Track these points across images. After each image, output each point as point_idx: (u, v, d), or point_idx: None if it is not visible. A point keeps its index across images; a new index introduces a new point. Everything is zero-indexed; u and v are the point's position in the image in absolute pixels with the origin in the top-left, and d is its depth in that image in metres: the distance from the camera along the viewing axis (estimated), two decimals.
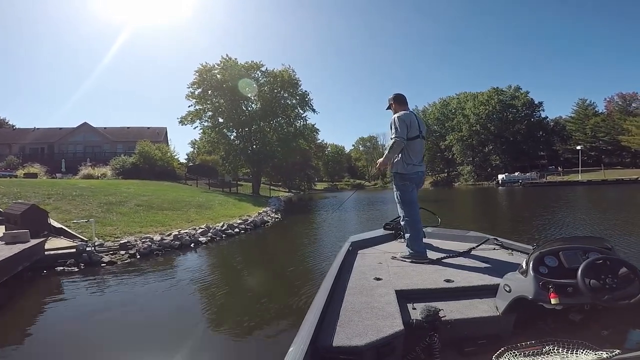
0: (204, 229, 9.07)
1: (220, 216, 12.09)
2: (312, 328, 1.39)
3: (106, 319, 4.09)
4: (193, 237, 8.32)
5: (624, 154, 55.34)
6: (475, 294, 1.96)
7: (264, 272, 6.39)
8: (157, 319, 4.17)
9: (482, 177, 58.77)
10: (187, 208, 12.54)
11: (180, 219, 10.49)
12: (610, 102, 60.36)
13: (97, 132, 44.95)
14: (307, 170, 55.21)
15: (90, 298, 4.82)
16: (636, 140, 46.63)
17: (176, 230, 8.60)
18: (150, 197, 13.55)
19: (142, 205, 11.52)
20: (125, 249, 6.91)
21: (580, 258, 1.57)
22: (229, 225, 10.18)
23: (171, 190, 18.75)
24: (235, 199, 19.34)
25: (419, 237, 2.84)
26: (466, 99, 65.55)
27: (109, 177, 26.62)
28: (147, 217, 9.94)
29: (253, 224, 11.55)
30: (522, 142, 57.83)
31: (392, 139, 2.84)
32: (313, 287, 4.49)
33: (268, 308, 4.36)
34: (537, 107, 60.59)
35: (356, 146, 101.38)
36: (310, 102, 34.09)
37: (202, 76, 30.68)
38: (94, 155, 39.33)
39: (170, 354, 3.22)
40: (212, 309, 4.49)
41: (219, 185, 30.40)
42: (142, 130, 45.34)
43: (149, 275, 5.93)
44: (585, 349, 1.19)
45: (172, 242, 7.69)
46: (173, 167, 31.97)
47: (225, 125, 32.67)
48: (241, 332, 3.66)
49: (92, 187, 14.99)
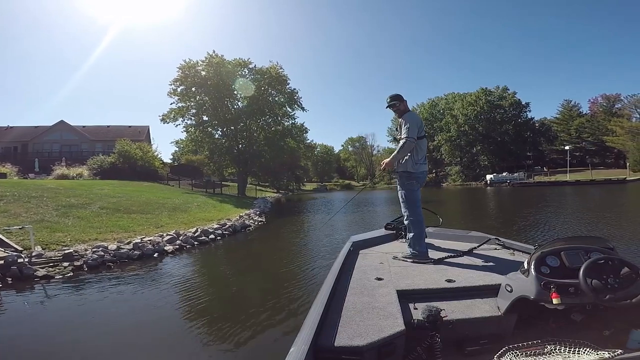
0: (172, 236, 7.96)
1: (196, 220, 10.99)
2: (313, 328, 1.38)
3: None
4: (157, 246, 7.22)
5: (608, 154, 56.34)
6: (477, 294, 1.94)
7: (234, 295, 5.17)
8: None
9: (470, 178, 58.91)
10: (160, 211, 11.40)
11: (148, 223, 9.36)
12: (595, 103, 61.39)
13: (74, 131, 42.87)
14: (296, 170, 54.17)
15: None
16: (620, 141, 47.31)
17: (139, 238, 7.49)
18: (120, 199, 12.36)
19: (108, 208, 10.34)
20: (70, 260, 5.83)
21: (582, 258, 1.56)
22: (202, 231, 9.08)
23: (148, 191, 17.51)
24: (217, 201, 18.19)
25: (422, 237, 2.81)
26: (454, 100, 65.81)
27: (85, 177, 25.18)
28: (109, 222, 8.79)
29: (232, 229, 10.46)
30: (510, 142, 58.19)
31: (404, 139, 2.80)
32: (297, 322, 3.54)
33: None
34: (524, 108, 61.12)
35: (345, 146, 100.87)
36: (299, 100, 33.17)
37: (186, 73, 29.44)
38: (70, 154, 37.49)
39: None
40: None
41: (202, 186, 29.12)
42: (122, 129, 43.52)
43: (86, 296, 4.83)
44: (587, 348, 1.16)
45: (131, 252, 6.60)
46: (155, 167, 30.46)
47: (209, 124, 31.45)
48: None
49: (61, 187, 13.72)
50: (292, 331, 3.30)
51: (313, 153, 68.05)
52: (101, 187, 16.39)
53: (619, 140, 47.75)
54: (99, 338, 3.52)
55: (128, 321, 3.97)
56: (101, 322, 3.95)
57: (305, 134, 37.90)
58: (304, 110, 33.40)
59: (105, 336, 3.56)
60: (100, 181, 21.75)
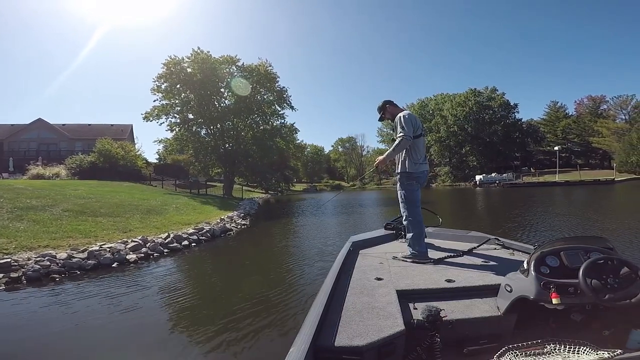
0: (138, 243, 7.05)
1: (172, 224, 10.08)
2: (313, 328, 1.38)
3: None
4: (118, 254, 6.31)
5: (593, 155, 57.19)
6: (477, 293, 1.93)
7: (197, 320, 3.97)
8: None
9: (459, 178, 58.97)
10: (132, 214, 10.46)
11: (114, 228, 8.43)
12: (580, 105, 62.24)
13: (53, 129, 41.11)
14: (286, 170, 53.33)
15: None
16: (606, 142, 47.95)
17: (98, 245, 6.59)
18: (89, 201, 11.36)
19: (71, 211, 9.37)
20: (6, 271, 4.93)
21: (581, 258, 1.55)
22: (175, 236, 8.16)
23: (127, 191, 16.47)
24: (199, 202, 17.24)
25: (421, 237, 2.80)
26: (444, 101, 65.98)
27: (62, 177, 23.91)
28: (69, 226, 7.84)
29: (210, 234, 9.52)
30: (499, 143, 58.44)
31: (399, 137, 2.79)
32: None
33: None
34: (513, 109, 61.53)
35: (335, 147, 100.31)
36: (289, 99, 32.39)
37: (170, 69, 28.38)
38: (48, 153, 35.94)
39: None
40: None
41: (187, 187, 28.07)
42: (104, 127, 41.95)
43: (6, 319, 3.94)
44: (587, 348, 1.16)
45: (84, 262, 5.71)
46: (138, 167, 29.26)
47: (195, 122, 30.39)
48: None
49: (30, 188, 12.67)
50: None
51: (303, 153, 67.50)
52: (76, 187, 15.32)
53: (605, 141, 48.40)
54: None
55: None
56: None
57: (295, 134, 37.02)
58: (293, 109, 32.67)
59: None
60: (77, 181, 20.59)
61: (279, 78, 31.89)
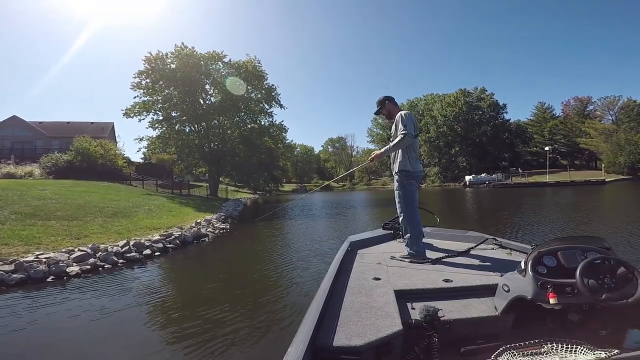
0: (85, 252, 6.02)
1: (137, 229, 9.02)
2: (310, 328, 1.36)
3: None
4: (56, 266, 5.28)
5: (579, 155, 57.81)
6: (474, 293, 1.92)
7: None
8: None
9: (449, 179, 58.86)
10: (94, 217, 9.37)
11: (66, 233, 7.35)
12: (567, 106, 63.00)
13: (28, 127, 39.11)
14: (274, 170, 52.23)
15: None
16: (594, 143, 48.36)
17: (33, 254, 5.55)
18: (47, 202, 10.23)
19: (20, 213, 8.25)
20: None
21: (578, 258, 1.55)
22: (136, 244, 7.06)
23: (100, 192, 15.28)
24: (177, 204, 16.13)
25: (419, 237, 2.76)
26: (434, 101, 65.96)
27: (36, 176, 22.42)
28: (9, 232, 6.72)
29: (180, 241, 8.39)
30: (488, 143, 58.54)
31: (402, 133, 2.76)
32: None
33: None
34: (502, 109, 61.81)
35: (325, 147, 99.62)
36: (278, 97, 31.44)
37: (152, 65, 27.14)
38: (22, 152, 34.18)
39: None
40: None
41: (169, 187, 26.81)
42: (84, 125, 40.15)
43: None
44: (584, 348, 1.16)
45: (7, 276, 4.68)
46: (119, 166, 27.86)
47: (178, 119, 29.16)
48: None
49: None
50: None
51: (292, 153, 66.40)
52: (44, 187, 14.09)
53: (593, 142, 48.82)
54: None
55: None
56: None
57: (285, 133, 35.99)
58: (282, 107, 31.76)
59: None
60: (49, 181, 19.20)
61: (267, 75, 30.98)
